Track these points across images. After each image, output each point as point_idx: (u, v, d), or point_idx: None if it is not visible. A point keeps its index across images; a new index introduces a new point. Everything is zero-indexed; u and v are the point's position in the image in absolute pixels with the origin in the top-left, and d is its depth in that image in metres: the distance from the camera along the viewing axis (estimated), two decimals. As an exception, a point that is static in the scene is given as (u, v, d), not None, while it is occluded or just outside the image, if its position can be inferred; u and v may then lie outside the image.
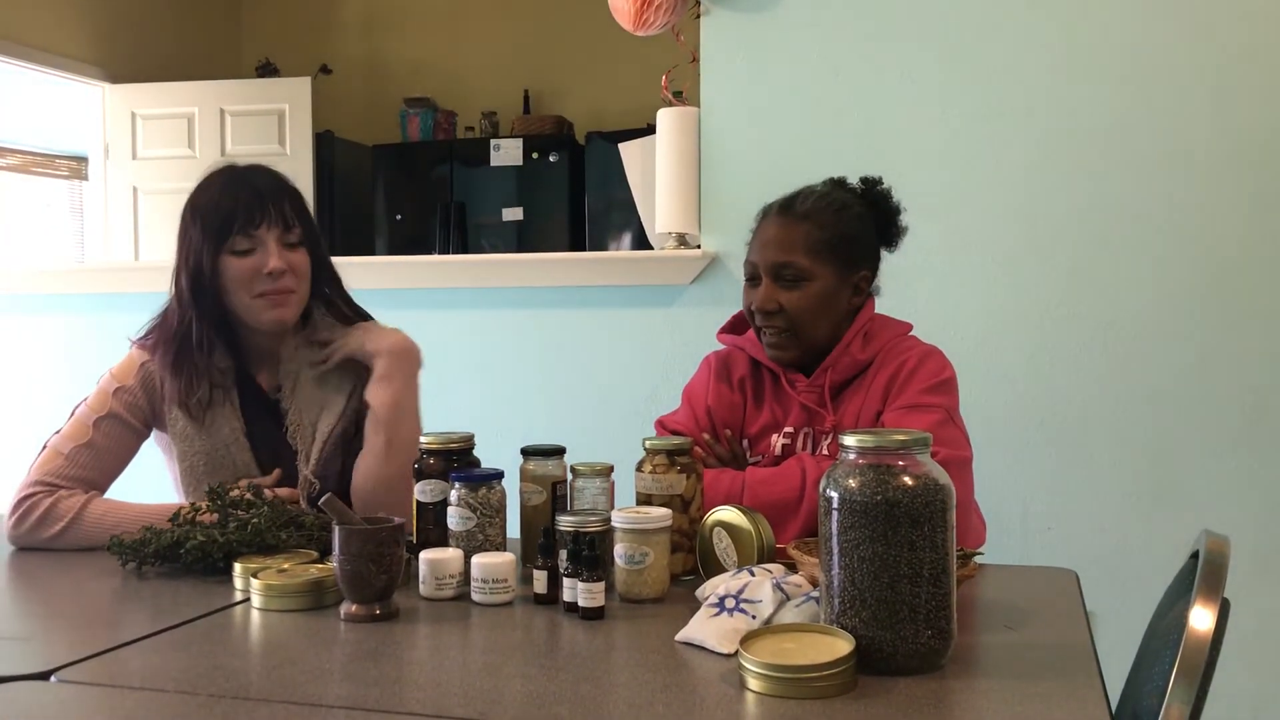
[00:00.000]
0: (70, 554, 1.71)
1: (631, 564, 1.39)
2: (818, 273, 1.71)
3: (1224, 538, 1.29)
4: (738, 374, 1.85)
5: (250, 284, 1.78)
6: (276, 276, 1.78)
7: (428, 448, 1.60)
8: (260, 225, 1.78)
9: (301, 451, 1.83)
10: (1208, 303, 2.62)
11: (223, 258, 1.78)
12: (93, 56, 5.35)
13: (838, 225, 1.74)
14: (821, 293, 1.71)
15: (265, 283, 1.78)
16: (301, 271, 1.83)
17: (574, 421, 3.02)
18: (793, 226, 1.73)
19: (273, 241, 1.79)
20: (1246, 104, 2.59)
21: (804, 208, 1.75)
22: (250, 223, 1.78)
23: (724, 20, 2.92)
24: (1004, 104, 2.74)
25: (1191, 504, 2.61)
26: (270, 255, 1.78)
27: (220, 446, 1.81)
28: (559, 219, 5.47)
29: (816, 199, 1.77)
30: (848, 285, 1.75)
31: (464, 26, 6.11)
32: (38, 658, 1.19)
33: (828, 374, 1.75)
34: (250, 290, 1.79)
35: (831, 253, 1.72)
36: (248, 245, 1.78)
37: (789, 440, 1.76)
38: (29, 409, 3.56)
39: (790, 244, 1.72)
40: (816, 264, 1.71)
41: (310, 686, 1.11)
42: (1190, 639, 1.10)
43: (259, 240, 1.78)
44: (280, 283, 1.79)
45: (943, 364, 1.74)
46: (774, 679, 1.05)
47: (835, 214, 1.75)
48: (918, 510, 1.09)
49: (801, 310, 1.71)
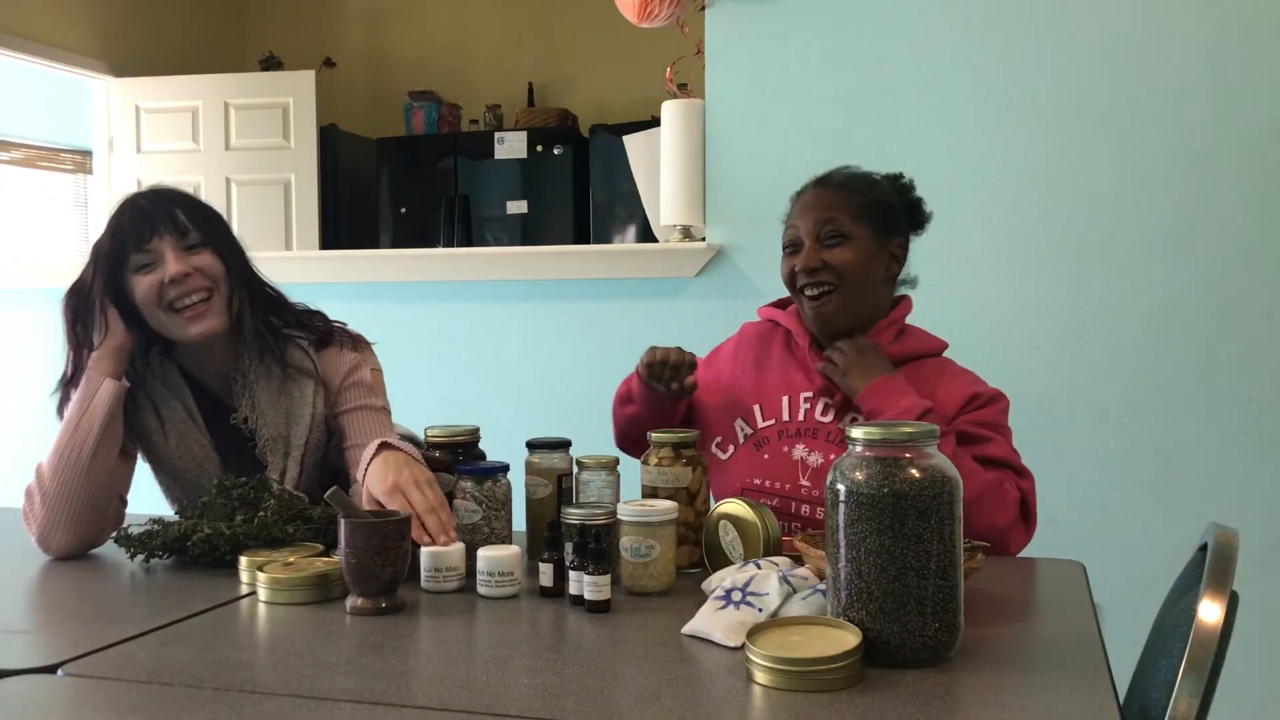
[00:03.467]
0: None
1: (637, 557, 1.39)
2: (858, 232, 1.76)
3: (1232, 530, 1.29)
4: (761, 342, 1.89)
5: (160, 297, 1.72)
6: (180, 281, 1.71)
7: (434, 441, 1.60)
8: (151, 237, 1.72)
9: (274, 465, 1.78)
10: (1214, 298, 2.61)
11: (128, 279, 1.73)
12: (96, 50, 5.34)
13: (872, 192, 1.81)
14: (863, 251, 1.76)
15: (171, 292, 1.71)
16: (212, 272, 1.75)
17: (579, 414, 3.01)
18: (832, 193, 1.80)
19: (169, 250, 1.72)
20: (1252, 102, 2.58)
21: (839, 178, 1.83)
22: (140, 238, 1.72)
23: (728, 12, 2.91)
24: (1009, 96, 2.73)
25: (1198, 497, 2.60)
26: (169, 263, 1.71)
27: (193, 466, 1.79)
28: (563, 212, 5.46)
29: (849, 172, 1.85)
30: (885, 252, 1.79)
31: (468, 19, 6.10)
32: (44, 651, 1.20)
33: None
34: (161, 303, 1.72)
35: (869, 216, 1.77)
36: (146, 260, 1.72)
37: (809, 405, 1.77)
38: (33, 403, 3.56)
39: (831, 205, 1.78)
40: (856, 225, 1.76)
41: (316, 680, 1.11)
42: (1199, 631, 1.09)
43: (155, 254, 1.72)
44: (187, 286, 1.72)
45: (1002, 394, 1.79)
46: (781, 672, 1.05)
47: (869, 184, 1.83)
48: (925, 503, 1.09)
49: (846, 265, 1.75)
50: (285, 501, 1.64)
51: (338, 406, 1.83)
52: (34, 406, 3.59)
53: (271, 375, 1.81)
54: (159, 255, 1.73)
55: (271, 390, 1.80)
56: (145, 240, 1.72)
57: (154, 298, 1.72)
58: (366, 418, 1.82)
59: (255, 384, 1.80)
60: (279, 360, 1.81)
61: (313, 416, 1.81)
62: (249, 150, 5.36)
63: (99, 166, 5.60)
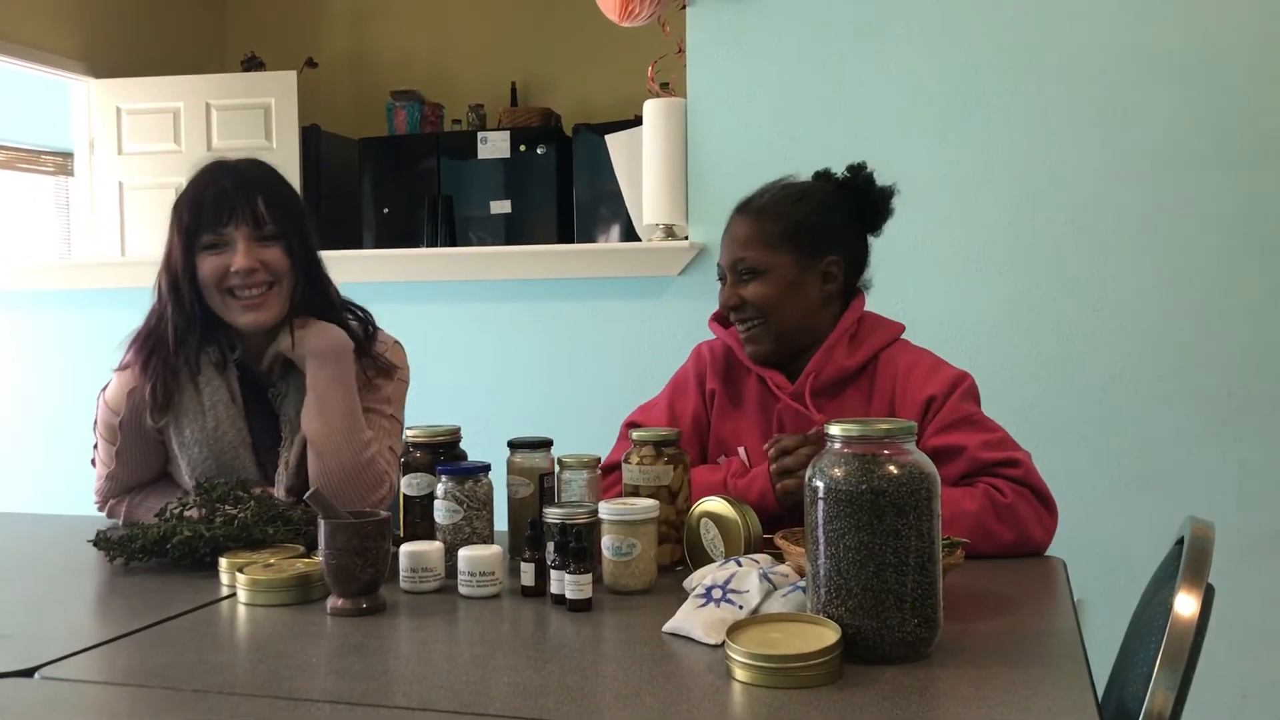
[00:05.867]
0: (54, 549, 1.70)
1: (619, 555, 1.39)
2: (774, 264, 1.71)
3: (1208, 523, 1.29)
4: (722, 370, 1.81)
5: (220, 281, 1.75)
6: (245, 274, 1.74)
7: (414, 441, 1.60)
8: (228, 223, 1.74)
9: (287, 443, 1.80)
10: (1194, 292, 2.63)
11: (197, 256, 1.76)
12: (76, 51, 5.32)
13: (793, 214, 1.73)
14: (781, 281, 1.70)
15: (233, 280, 1.74)
16: (277, 268, 1.77)
17: (561, 414, 3.01)
18: (747, 223, 1.74)
19: (241, 239, 1.74)
20: (1235, 99, 2.60)
21: (759, 203, 1.76)
22: (217, 220, 1.74)
23: (709, 11, 2.91)
24: (990, 94, 2.74)
25: (1177, 492, 2.62)
26: (237, 254, 1.74)
27: (226, 449, 1.79)
28: (547, 211, 5.46)
29: (774, 192, 1.77)
30: (813, 273, 1.73)
31: (450, 19, 6.09)
32: (22, 654, 1.19)
33: (810, 379, 1.71)
34: (220, 288, 1.75)
35: (788, 242, 1.71)
36: (214, 241, 1.75)
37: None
38: (16, 404, 3.54)
39: (744, 240, 1.73)
40: (772, 255, 1.71)
41: (296, 681, 1.11)
42: (1175, 625, 1.10)
43: (226, 238, 1.74)
44: (251, 279, 1.75)
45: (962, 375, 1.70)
46: (761, 669, 1.05)
47: (792, 204, 1.75)
48: (903, 499, 1.09)
49: (763, 299, 1.70)
50: (265, 503, 1.64)
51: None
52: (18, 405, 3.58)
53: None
54: (230, 241, 1.75)
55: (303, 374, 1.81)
56: (221, 224, 1.74)
57: (216, 279, 1.75)
58: (373, 420, 1.82)
59: (291, 366, 1.81)
60: (268, 360, 1.81)
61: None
62: (231, 151, 5.31)
63: (80, 168, 5.57)
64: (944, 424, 1.63)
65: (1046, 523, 1.58)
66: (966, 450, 1.60)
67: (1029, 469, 1.60)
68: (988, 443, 1.61)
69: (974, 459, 1.59)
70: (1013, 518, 1.55)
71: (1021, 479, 1.58)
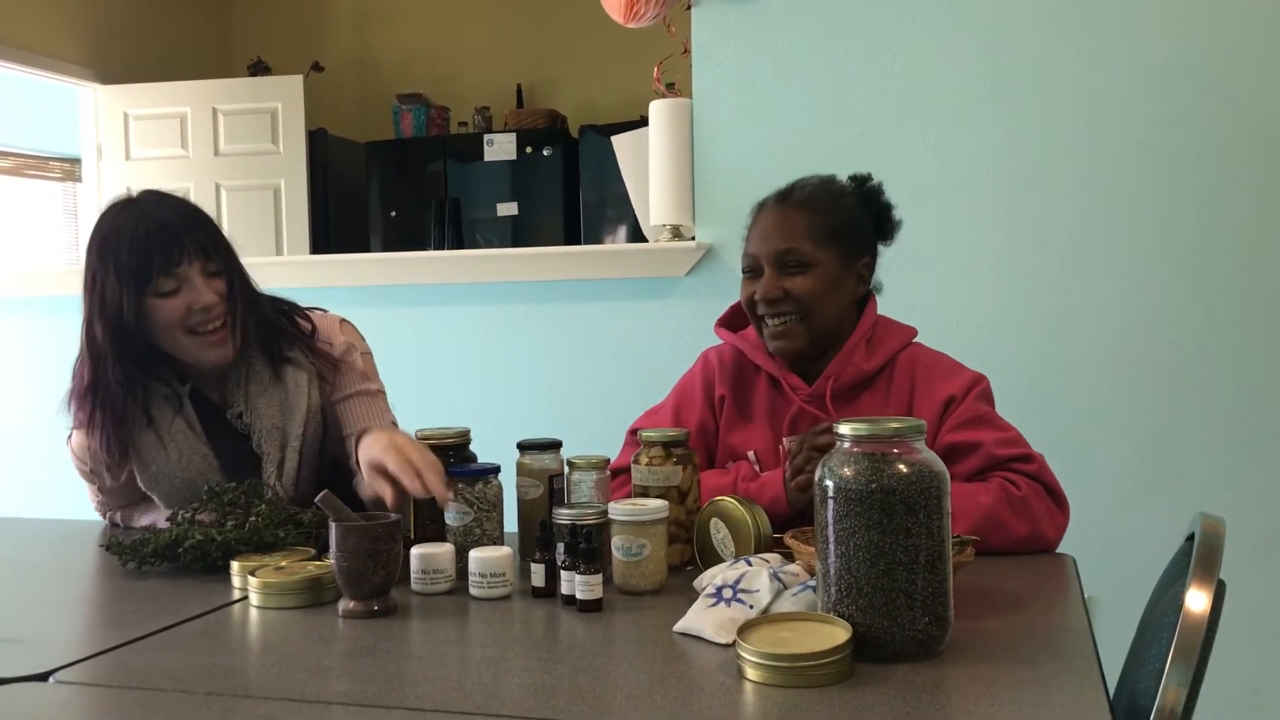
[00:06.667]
0: (66, 554, 1.70)
1: (629, 556, 1.40)
2: (821, 258, 1.68)
3: (1219, 519, 1.29)
4: (731, 377, 1.80)
5: (182, 322, 1.70)
6: (205, 310, 1.70)
7: (424, 443, 1.60)
8: (180, 262, 1.68)
9: (269, 456, 1.77)
10: (1201, 289, 2.62)
11: (146, 301, 1.69)
12: (83, 58, 5.33)
13: (837, 212, 1.72)
14: (827, 278, 1.68)
15: (198, 318, 1.70)
16: (229, 299, 1.74)
17: (570, 415, 3.02)
18: (793, 214, 1.71)
19: (197, 276, 1.70)
20: (1242, 98, 2.59)
21: (801, 195, 1.73)
22: (171, 261, 1.68)
23: (715, 11, 2.91)
24: (996, 94, 2.74)
25: (1187, 488, 2.61)
26: (198, 291, 1.70)
27: (195, 475, 1.76)
28: (553, 213, 5.46)
29: (814, 187, 1.75)
30: (851, 273, 1.72)
31: (455, 21, 6.09)
32: (36, 659, 1.20)
33: (830, 382, 1.69)
34: (183, 328, 1.71)
35: (834, 239, 1.69)
36: (173, 285, 1.69)
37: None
38: (26, 410, 3.55)
39: (792, 231, 1.69)
40: (820, 250, 1.68)
41: (309, 683, 1.11)
42: (1186, 620, 1.10)
43: (183, 278, 1.69)
44: (211, 314, 1.71)
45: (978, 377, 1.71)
46: (772, 668, 1.05)
47: (833, 200, 1.73)
48: (913, 497, 1.09)
49: (808, 294, 1.67)
50: (276, 506, 1.64)
51: (333, 395, 1.84)
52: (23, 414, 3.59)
53: (264, 369, 1.80)
54: (187, 280, 1.69)
55: (264, 383, 1.80)
56: (176, 264, 1.68)
57: (177, 322, 1.70)
58: (362, 403, 1.82)
59: (249, 380, 1.80)
60: (273, 355, 1.81)
61: (309, 407, 1.81)
62: (238, 156, 5.35)
63: (88, 174, 5.59)
64: (960, 421, 1.64)
65: (1058, 520, 1.58)
66: (983, 446, 1.61)
67: (1043, 466, 1.61)
68: (1003, 440, 1.62)
69: (990, 455, 1.60)
70: (1027, 511, 1.55)
71: (1035, 474, 1.58)
